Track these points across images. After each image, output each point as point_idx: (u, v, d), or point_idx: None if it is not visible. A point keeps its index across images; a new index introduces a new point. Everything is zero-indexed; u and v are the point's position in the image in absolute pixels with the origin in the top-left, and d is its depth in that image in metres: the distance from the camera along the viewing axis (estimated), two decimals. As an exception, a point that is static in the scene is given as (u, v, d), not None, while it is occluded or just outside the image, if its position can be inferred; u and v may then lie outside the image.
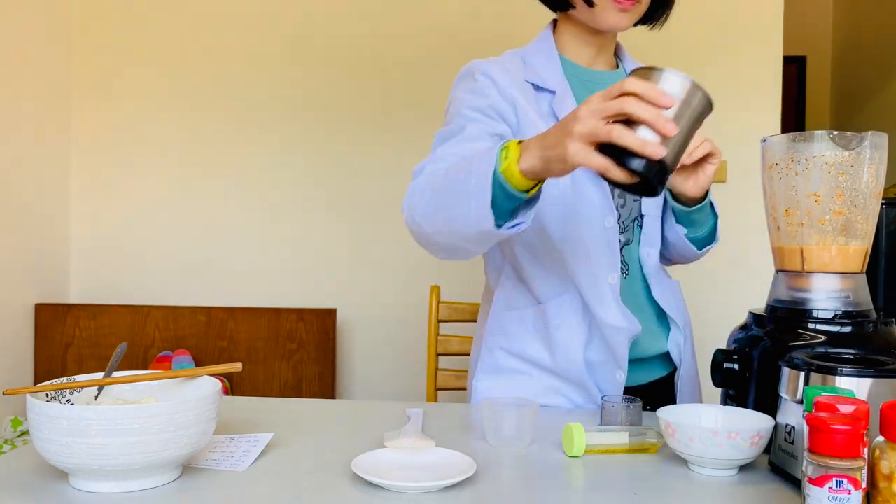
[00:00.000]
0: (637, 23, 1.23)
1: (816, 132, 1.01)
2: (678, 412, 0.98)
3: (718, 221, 1.29)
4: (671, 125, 0.80)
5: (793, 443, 0.86)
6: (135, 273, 2.95)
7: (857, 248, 1.01)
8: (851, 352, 0.93)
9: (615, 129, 0.80)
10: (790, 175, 1.02)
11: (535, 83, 1.23)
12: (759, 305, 1.08)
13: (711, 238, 1.29)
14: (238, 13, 2.92)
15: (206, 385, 0.95)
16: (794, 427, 0.86)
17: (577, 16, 1.22)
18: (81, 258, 2.97)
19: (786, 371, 0.88)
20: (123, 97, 2.94)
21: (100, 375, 0.94)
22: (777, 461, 0.90)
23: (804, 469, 0.69)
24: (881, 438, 0.70)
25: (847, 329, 0.96)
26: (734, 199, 2.52)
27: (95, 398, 0.94)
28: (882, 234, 1.98)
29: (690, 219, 1.23)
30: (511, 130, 1.20)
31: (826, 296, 0.99)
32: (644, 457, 0.98)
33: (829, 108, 4.91)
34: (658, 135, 0.80)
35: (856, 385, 0.82)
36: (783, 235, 1.04)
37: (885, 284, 1.98)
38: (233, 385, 2.72)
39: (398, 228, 2.92)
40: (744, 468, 0.92)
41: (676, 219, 1.25)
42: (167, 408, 0.80)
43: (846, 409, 0.72)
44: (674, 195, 1.21)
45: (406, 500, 0.81)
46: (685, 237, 1.26)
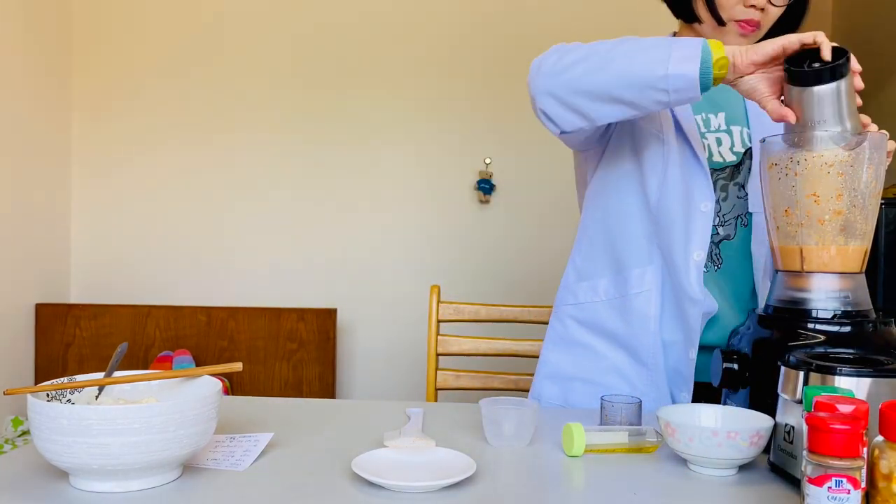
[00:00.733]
0: None
1: (816, 132, 1.01)
2: (678, 412, 0.98)
3: None
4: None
5: (792, 442, 0.86)
6: (135, 273, 2.95)
7: (857, 248, 1.01)
8: (851, 352, 0.93)
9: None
10: (790, 175, 1.02)
11: None
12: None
13: None
14: (238, 16, 2.92)
15: (207, 385, 0.95)
16: (794, 427, 0.86)
17: (702, 31, 1.27)
18: (82, 258, 2.97)
19: (785, 371, 0.88)
20: (124, 98, 2.94)
21: (100, 375, 0.94)
22: (776, 461, 0.90)
23: (803, 469, 0.69)
24: (880, 438, 0.71)
25: (846, 329, 0.96)
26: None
27: (96, 398, 0.94)
28: (881, 234, 1.98)
29: None
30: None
31: (825, 296, 0.99)
32: (644, 456, 0.98)
33: (829, 108, 4.88)
34: None
35: (855, 385, 0.82)
36: (783, 235, 1.04)
37: (885, 284, 1.98)
38: (233, 385, 2.72)
39: (398, 228, 2.92)
40: (743, 468, 0.92)
41: None
42: (168, 407, 0.80)
43: (845, 409, 0.72)
44: None
45: (406, 500, 0.81)
46: None
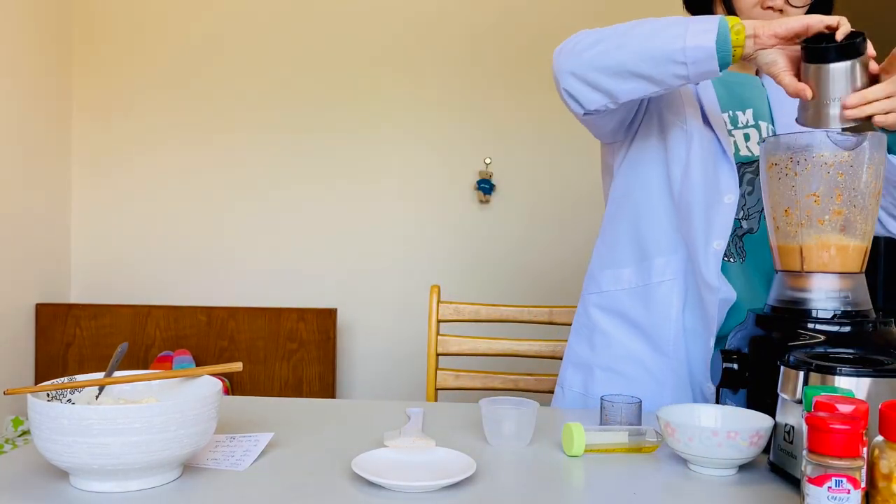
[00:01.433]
0: None
1: (816, 132, 1.01)
2: (678, 412, 0.98)
3: None
4: None
5: (792, 442, 0.86)
6: (135, 273, 2.95)
7: (857, 248, 1.01)
8: (850, 351, 0.93)
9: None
10: (790, 175, 1.02)
11: None
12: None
13: None
14: (238, 16, 2.92)
15: (207, 385, 0.95)
16: (794, 427, 0.86)
17: None
18: (82, 258, 2.97)
19: (785, 371, 0.88)
20: (124, 98, 2.94)
21: (100, 375, 0.95)
22: (776, 461, 0.90)
23: (803, 468, 0.69)
24: (880, 438, 0.71)
25: (846, 329, 0.96)
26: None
27: (96, 398, 0.94)
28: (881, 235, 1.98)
29: None
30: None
31: (825, 295, 0.99)
32: (644, 456, 0.98)
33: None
34: None
35: (855, 385, 0.82)
36: (782, 235, 1.04)
37: (885, 284, 1.98)
38: (233, 385, 2.72)
39: (399, 228, 2.92)
40: (743, 468, 0.92)
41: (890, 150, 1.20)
42: (168, 407, 0.80)
43: (845, 409, 0.72)
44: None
45: (406, 500, 0.81)
46: None
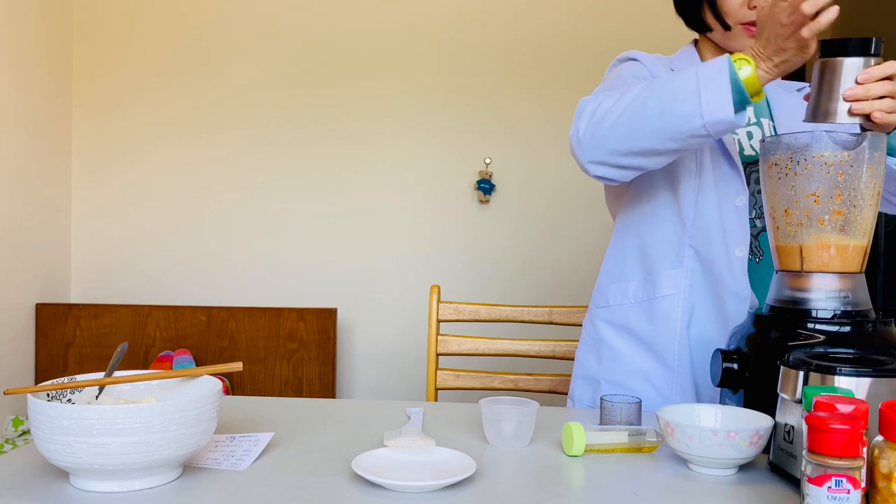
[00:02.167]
0: None
1: (816, 132, 1.01)
2: (678, 412, 0.98)
3: None
4: None
5: (792, 442, 0.86)
6: (135, 273, 2.95)
7: (856, 248, 1.01)
8: (850, 351, 0.93)
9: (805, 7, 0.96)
10: (789, 175, 1.02)
11: None
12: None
13: None
14: (238, 14, 2.92)
15: (207, 384, 0.95)
16: (794, 426, 0.86)
17: (714, 38, 1.30)
18: (82, 258, 2.97)
19: (784, 370, 0.88)
20: (124, 99, 2.94)
21: (100, 375, 0.95)
22: (776, 461, 0.90)
23: (803, 468, 0.69)
24: (880, 438, 0.71)
25: (846, 329, 0.96)
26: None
27: (96, 398, 0.94)
28: (881, 235, 1.98)
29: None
30: None
31: (825, 295, 0.99)
32: (644, 456, 0.98)
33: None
34: None
35: (855, 385, 0.82)
36: (782, 235, 1.05)
37: (885, 284, 1.98)
38: (233, 385, 2.72)
39: (399, 228, 2.92)
40: (743, 467, 0.92)
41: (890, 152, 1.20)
42: (168, 407, 0.80)
43: (845, 409, 0.72)
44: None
45: (406, 500, 0.81)
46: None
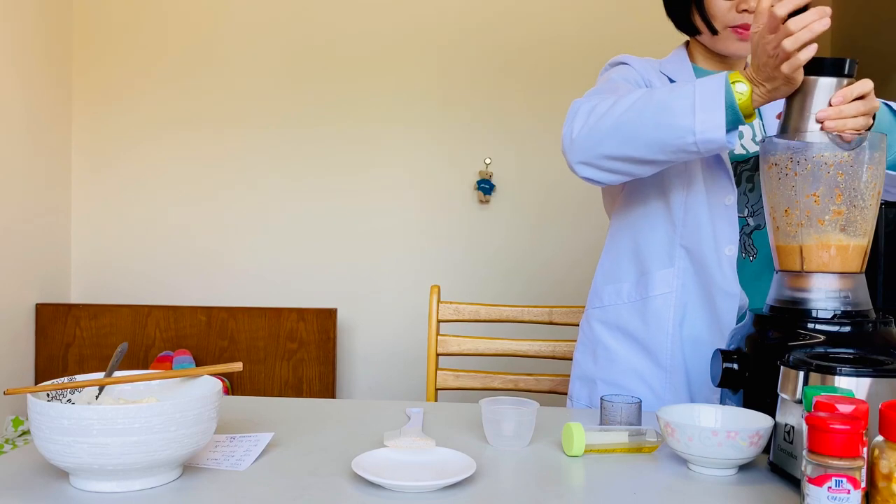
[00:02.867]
0: None
1: (816, 132, 1.01)
2: (678, 412, 0.98)
3: None
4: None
5: (792, 442, 0.86)
6: (135, 273, 2.95)
7: (856, 248, 1.01)
8: (850, 351, 0.93)
9: (803, 34, 0.97)
10: (789, 175, 1.02)
11: (670, 77, 1.33)
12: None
13: None
14: (238, 12, 2.92)
15: (207, 385, 0.95)
16: (794, 427, 0.86)
17: (703, 41, 1.32)
18: (82, 258, 2.97)
19: (785, 371, 0.88)
20: (124, 99, 2.94)
21: (100, 375, 0.95)
22: (776, 461, 0.90)
23: (803, 468, 0.69)
24: (880, 438, 0.71)
25: (846, 329, 0.96)
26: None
27: (96, 398, 0.94)
28: (881, 235, 1.98)
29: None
30: None
31: (825, 295, 0.99)
32: (644, 456, 0.98)
33: (829, 108, 4.87)
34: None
35: (855, 385, 0.82)
36: (782, 235, 1.04)
37: (885, 284, 1.98)
38: (233, 385, 2.72)
39: (398, 228, 2.92)
40: (743, 468, 0.92)
41: None
42: (168, 407, 0.80)
43: (845, 409, 0.72)
44: None
45: (406, 500, 0.81)
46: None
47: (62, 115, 2.90)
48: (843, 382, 0.82)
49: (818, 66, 1.03)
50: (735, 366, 1.02)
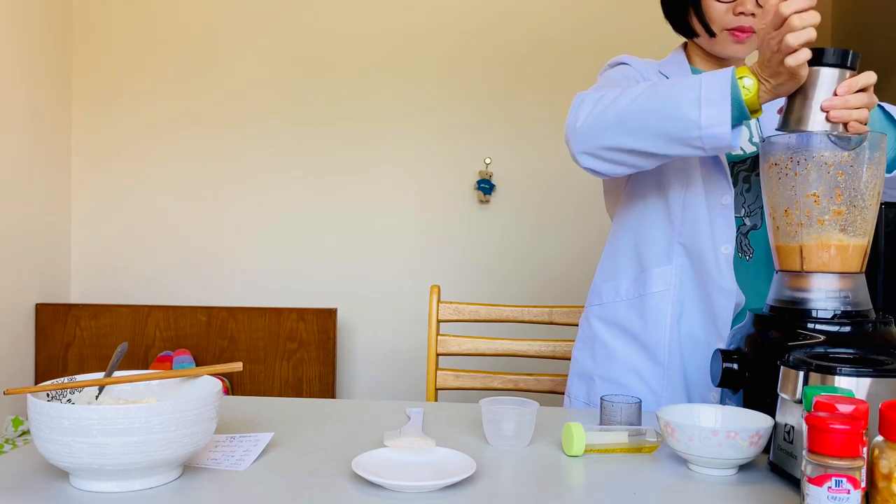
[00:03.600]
0: None
1: (816, 132, 1.01)
2: (678, 412, 0.98)
3: None
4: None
5: (792, 442, 0.86)
6: (135, 273, 2.95)
7: (856, 248, 1.01)
8: (850, 351, 0.93)
9: (804, 33, 0.97)
10: (789, 175, 1.02)
11: (668, 77, 1.33)
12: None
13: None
14: (238, 11, 2.92)
15: (207, 385, 0.95)
16: (794, 427, 0.86)
17: (700, 43, 1.32)
18: (82, 258, 2.97)
19: (784, 371, 0.88)
20: (124, 98, 2.94)
21: (100, 375, 0.95)
22: (776, 461, 0.90)
23: (803, 468, 0.69)
24: (880, 438, 0.71)
25: (846, 329, 0.96)
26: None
27: (96, 398, 0.94)
28: (881, 235, 1.98)
29: None
30: None
31: (825, 295, 0.99)
32: (644, 456, 0.98)
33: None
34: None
35: (855, 385, 0.82)
36: (782, 235, 1.04)
37: (885, 284, 1.98)
38: (233, 385, 2.72)
39: (399, 228, 2.92)
40: (743, 468, 0.92)
41: None
42: (168, 407, 0.80)
43: (845, 409, 0.72)
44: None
45: (406, 500, 0.81)
46: None
47: (62, 116, 2.90)
48: (843, 382, 0.82)
49: (821, 57, 1.02)
50: (735, 366, 1.02)
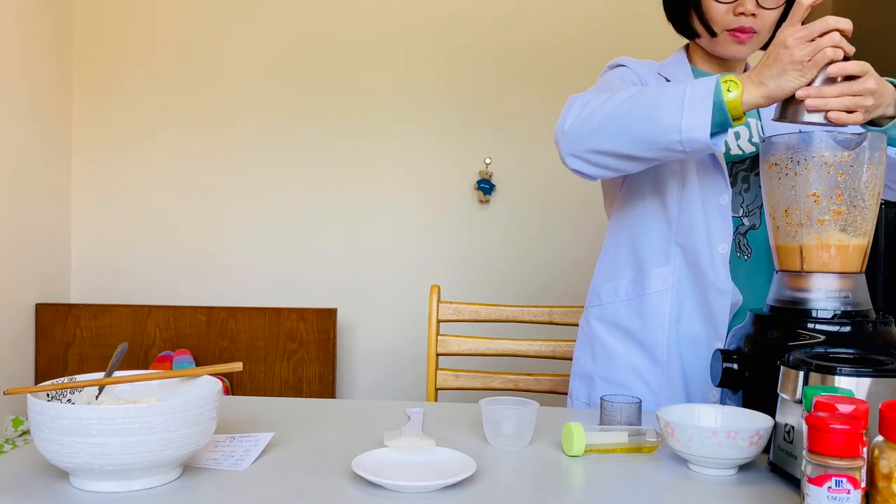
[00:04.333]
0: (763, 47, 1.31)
1: (816, 132, 1.01)
2: (678, 412, 0.98)
3: None
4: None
5: (792, 442, 0.86)
6: (135, 273, 2.95)
7: (856, 248, 1.01)
8: (850, 351, 0.93)
9: (828, 51, 0.98)
10: (789, 175, 1.02)
11: (668, 79, 1.34)
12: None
13: None
14: (238, 10, 2.92)
15: (207, 385, 0.95)
16: (794, 427, 0.86)
17: (702, 44, 1.33)
18: (82, 258, 2.97)
19: (784, 371, 0.88)
20: (124, 99, 2.94)
21: (100, 375, 0.95)
22: (776, 461, 0.90)
23: (803, 468, 0.69)
24: (880, 438, 0.71)
25: (846, 329, 0.96)
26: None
27: (96, 398, 0.94)
28: (881, 235, 1.98)
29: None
30: None
31: (825, 295, 0.99)
32: (644, 456, 0.98)
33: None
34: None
35: (855, 385, 0.82)
36: (782, 235, 1.05)
37: (885, 284, 1.98)
38: (233, 385, 2.72)
39: (398, 228, 2.92)
40: (743, 468, 0.92)
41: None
42: (168, 407, 0.80)
43: (845, 409, 0.72)
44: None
45: (406, 500, 0.81)
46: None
47: (62, 116, 2.90)
48: (843, 382, 0.82)
49: None
50: (735, 366, 1.02)
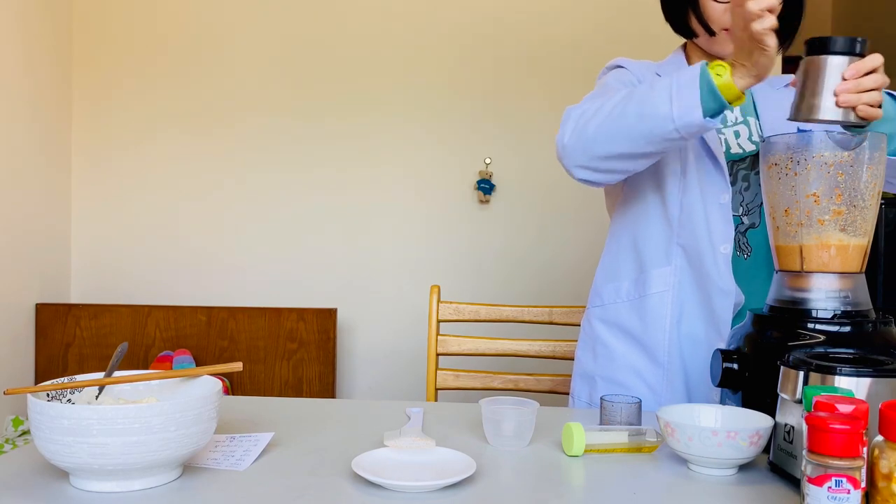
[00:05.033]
0: None
1: (816, 132, 1.01)
2: (678, 412, 0.98)
3: None
4: None
5: (792, 442, 0.86)
6: (135, 273, 2.95)
7: (856, 248, 1.01)
8: (850, 351, 0.93)
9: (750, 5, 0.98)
10: (789, 175, 1.02)
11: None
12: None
13: None
14: (238, 10, 2.92)
15: (207, 385, 0.95)
16: (794, 427, 0.86)
17: (700, 43, 1.33)
18: (82, 258, 2.97)
19: (784, 371, 0.88)
20: (124, 98, 2.94)
21: (100, 375, 0.95)
22: (776, 461, 0.90)
23: (803, 468, 0.69)
24: (880, 438, 0.71)
25: (846, 329, 0.96)
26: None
27: (96, 398, 0.94)
28: (881, 235, 1.98)
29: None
30: None
31: (825, 295, 0.99)
32: (644, 456, 0.98)
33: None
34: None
35: (855, 385, 0.82)
36: (782, 235, 1.05)
37: (885, 284, 1.98)
38: (233, 385, 2.72)
39: (398, 228, 2.92)
40: (743, 468, 0.92)
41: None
42: (168, 407, 0.80)
43: (845, 409, 0.72)
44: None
45: (406, 500, 0.81)
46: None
47: (62, 116, 2.90)
48: (843, 382, 0.82)
49: (829, 45, 1.02)
50: (735, 366, 1.02)
